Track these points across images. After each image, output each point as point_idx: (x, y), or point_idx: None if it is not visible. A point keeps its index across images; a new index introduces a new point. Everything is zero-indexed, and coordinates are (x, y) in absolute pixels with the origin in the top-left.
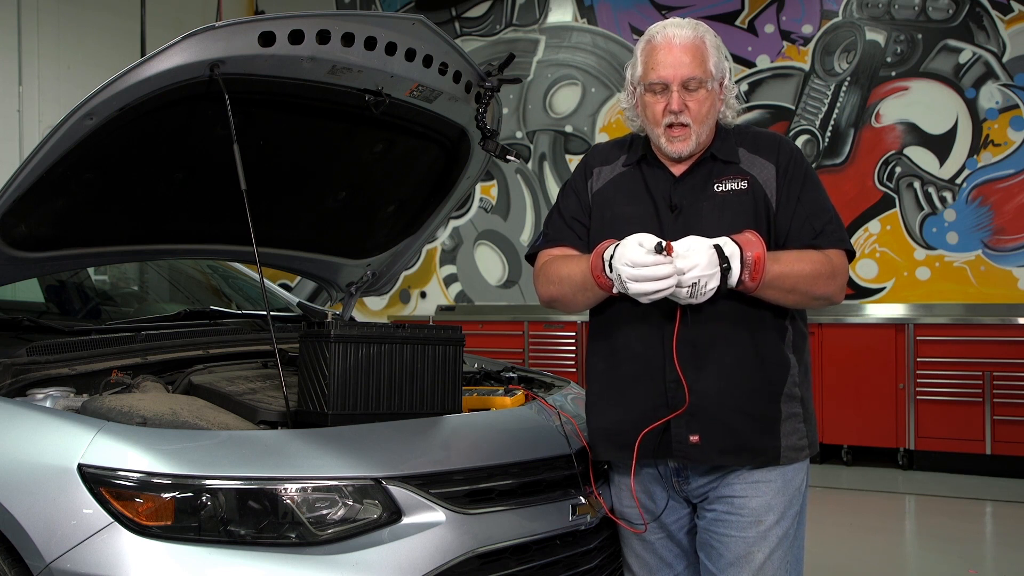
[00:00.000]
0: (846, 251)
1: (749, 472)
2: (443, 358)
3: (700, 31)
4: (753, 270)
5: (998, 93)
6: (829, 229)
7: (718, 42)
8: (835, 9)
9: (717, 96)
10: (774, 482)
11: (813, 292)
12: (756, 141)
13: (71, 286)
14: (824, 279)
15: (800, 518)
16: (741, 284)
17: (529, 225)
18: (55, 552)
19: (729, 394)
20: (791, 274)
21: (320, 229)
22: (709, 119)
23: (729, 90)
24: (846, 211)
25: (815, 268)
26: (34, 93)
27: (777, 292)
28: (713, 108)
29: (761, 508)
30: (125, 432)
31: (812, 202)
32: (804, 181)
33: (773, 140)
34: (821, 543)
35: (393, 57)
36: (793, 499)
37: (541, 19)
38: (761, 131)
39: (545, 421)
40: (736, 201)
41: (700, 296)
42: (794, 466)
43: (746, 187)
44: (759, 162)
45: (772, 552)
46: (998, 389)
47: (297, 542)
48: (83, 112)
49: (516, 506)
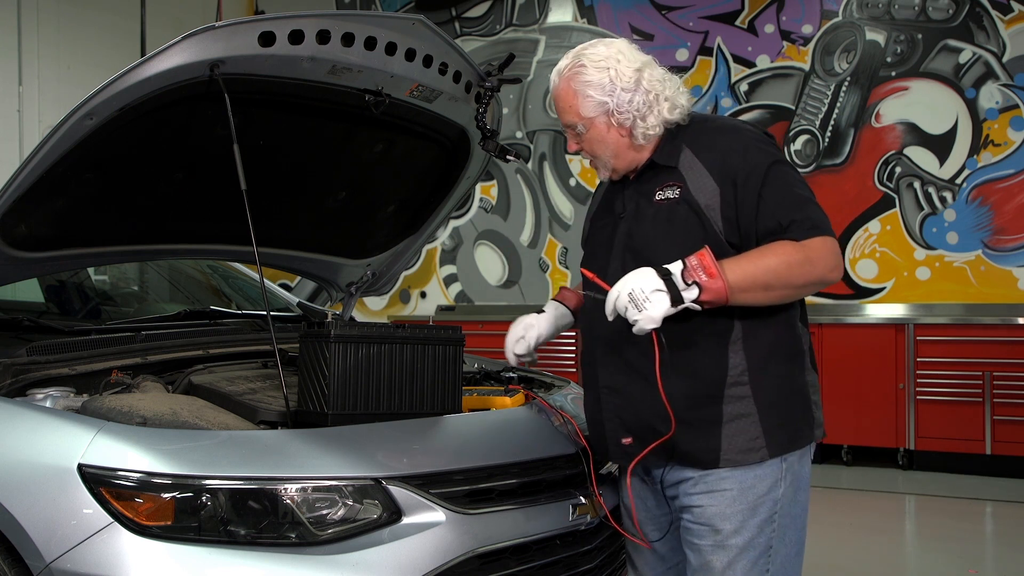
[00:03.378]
0: (825, 235)
1: (706, 481)
2: (443, 358)
3: (569, 74)
4: (704, 272)
5: (998, 93)
6: (798, 218)
7: (599, 77)
8: (835, 9)
9: (609, 127)
10: (730, 491)
11: (795, 282)
12: (707, 141)
13: (71, 286)
14: (800, 267)
15: (778, 526)
16: (705, 293)
17: (529, 225)
18: (55, 552)
19: (655, 398)
20: (759, 270)
21: (320, 229)
22: (607, 150)
23: (633, 107)
24: (846, 211)
25: (785, 258)
26: (34, 93)
27: (756, 293)
28: (607, 140)
29: (716, 517)
30: (125, 432)
31: (775, 196)
32: (764, 176)
33: (725, 139)
34: (821, 543)
35: (393, 57)
36: (757, 507)
37: (541, 19)
38: (719, 126)
39: (545, 421)
40: (669, 210)
41: (639, 317)
42: (754, 472)
43: (677, 196)
44: (698, 167)
45: (733, 562)
46: (998, 389)
47: (297, 542)
48: (83, 112)
49: (516, 506)
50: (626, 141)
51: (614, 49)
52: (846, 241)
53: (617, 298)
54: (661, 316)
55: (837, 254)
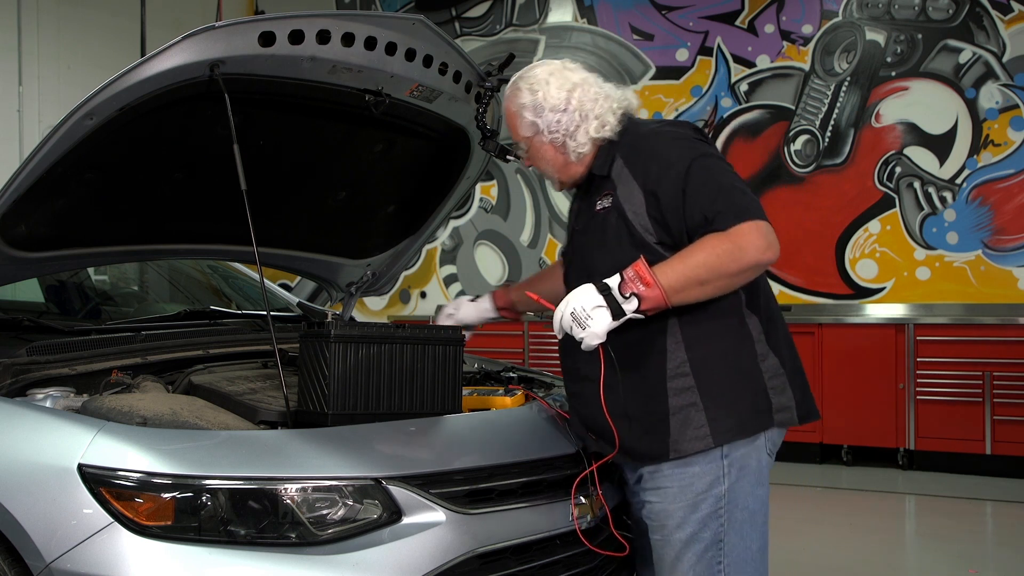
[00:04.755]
0: (752, 219)
1: (653, 478)
2: (443, 358)
3: (508, 96)
4: (641, 283)
5: (998, 93)
6: (723, 209)
7: (531, 99)
8: (835, 9)
9: (543, 145)
10: (670, 488)
11: (728, 271)
12: (634, 148)
13: (71, 286)
14: (729, 255)
15: (727, 520)
16: (644, 303)
17: (529, 225)
18: (55, 552)
19: (602, 400)
20: (690, 269)
21: (320, 229)
22: (548, 166)
23: (561, 127)
24: (846, 211)
25: (713, 250)
26: (34, 93)
27: (693, 291)
28: (546, 157)
29: (661, 513)
30: (125, 432)
31: (698, 191)
32: (686, 174)
33: (647, 144)
34: (821, 543)
35: (393, 57)
36: (698, 503)
37: (541, 19)
38: (644, 132)
39: (545, 421)
40: (604, 219)
41: (584, 334)
42: (694, 469)
43: (609, 204)
44: (626, 175)
45: (679, 555)
46: (998, 389)
47: (297, 542)
48: (83, 112)
49: (516, 506)
50: (562, 158)
51: (547, 71)
52: (846, 241)
53: (561, 318)
54: (604, 331)
55: (767, 235)
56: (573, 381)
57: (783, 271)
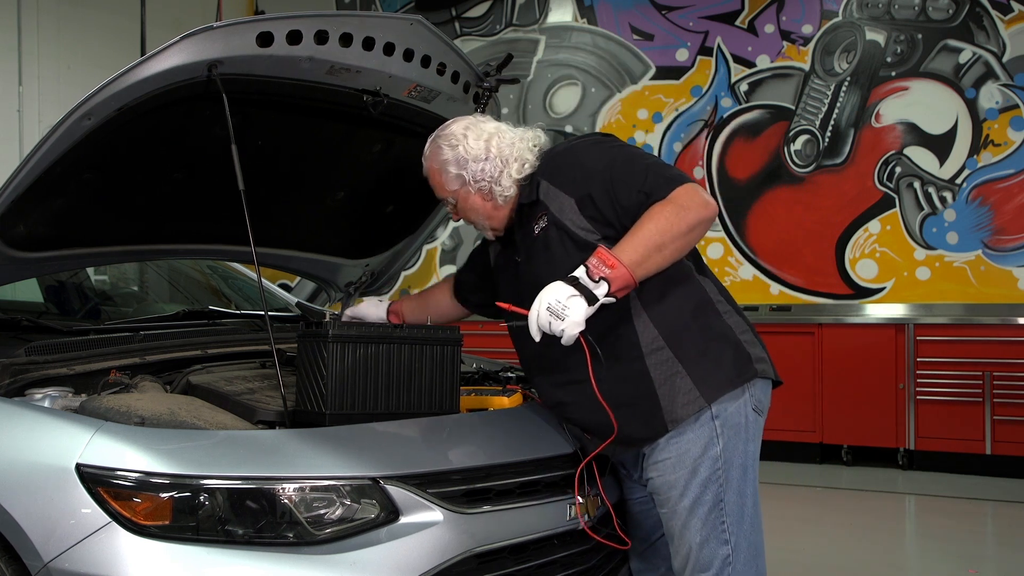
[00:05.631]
0: (684, 183)
1: (651, 455)
2: (441, 358)
3: (429, 154)
4: (606, 266)
5: (998, 93)
6: (654, 182)
7: (452, 153)
8: (835, 9)
9: (470, 195)
10: (668, 459)
11: (680, 230)
12: (553, 167)
13: (71, 286)
14: (676, 215)
15: (724, 479)
16: (613, 283)
17: None
18: (53, 552)
19: (587, 397)
20: (645, 239)
21: (319, 229)
22: (479, 216)
23: (486, 175)
24: (846, 211)
25: (660, 217)
26: (34, 93)
27: (654, 258)
28: (475, 207)
29: (664, 486)
30: (123, 432)
31: (628, 175)
32: (611, 167)
33: (564, 158)
34: (821, 543)
35: (391, 57)
36: (696, 467)
37: (541, 19)
38: (558, 151)
39: (542, 421)
40: (545, 238)
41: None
42: (687, 436)
43: (546, 223)
44: (554, 191)
45: (686, 523)
46: (998, 389)
47: (295, 542)
48: (82, 112)
49: (514, 506)
50: (490, 204)
51: (462, 126)
52: (846, 241)
53: (538, 316)
54: (583, 317)
55: (701, 192)
56: (556, 389)
57: (783, 271)
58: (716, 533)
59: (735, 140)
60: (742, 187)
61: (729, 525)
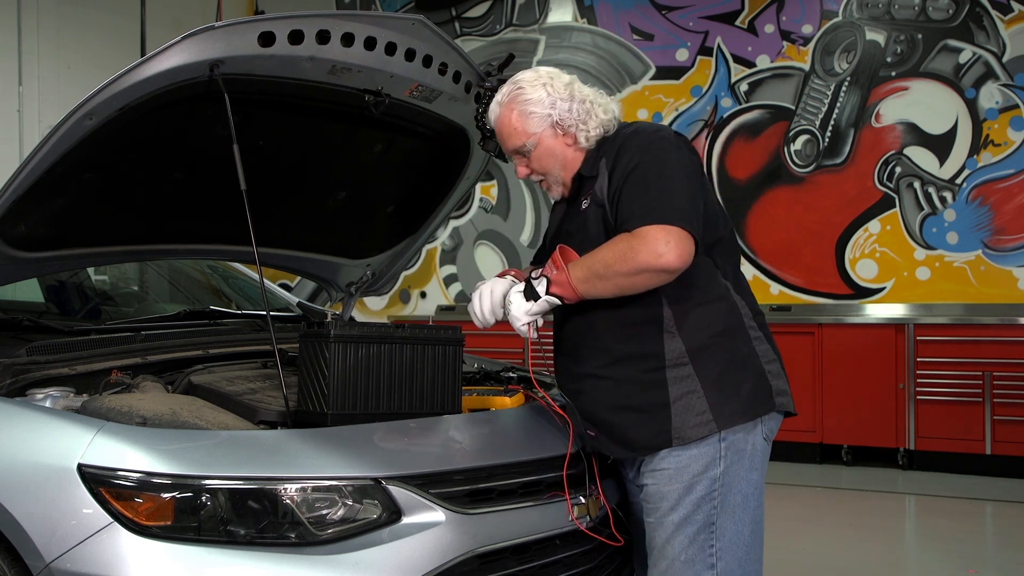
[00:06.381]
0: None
1: (651, 462)
2: (443, 358)
3: (510, 98)
4: (554, 266)
5: (998, 93)
6: (637, 210)
7: (536, 94)
8: (835, 9)
9: (556, 137)
10: (666, 470)
11: (621, 270)
12: (618, 147)
13: (71, 286)
14: (622, 255)
15: (720, 503)
16: (552, 285)
17: (529, 225)
18: (55, 552)
19: (601, 393)
20: (593, 262)
21: (320, 229)
22: (555, 164)
23: (573, 114)
24: (846, 211)
25: (613, 248)
26: (34, 93)
27: (595, 283)
28: (554, 153)
29: (656, 496)
30: (125, 432)
31: (631, 189)
32: (631, 172)
33: (623, 141)
34: (821, 543)
35: (393, 57)
36: (693, 484)
37: (541, 19)
38: (628, 132)
39: (544, 421)
40: (587, 214)
41: (511, 317)
42: (691, 451)
43: (590, 200)
44: (603, 168)
45: (670, 538)
46: (998, 389)
47: (297, 542)
48: (83, 112)
49: (516, 506)
50: (571, 149)
51: (543, 71)
52: (846, 241)
53: (480, 302)
54: (523, 312)
55: (668, 240)
56: (573, 380)
57: (783, 271)
58: (703, 556)
59: (735, 140)
60: (742, 187)
61: (718, 550)
